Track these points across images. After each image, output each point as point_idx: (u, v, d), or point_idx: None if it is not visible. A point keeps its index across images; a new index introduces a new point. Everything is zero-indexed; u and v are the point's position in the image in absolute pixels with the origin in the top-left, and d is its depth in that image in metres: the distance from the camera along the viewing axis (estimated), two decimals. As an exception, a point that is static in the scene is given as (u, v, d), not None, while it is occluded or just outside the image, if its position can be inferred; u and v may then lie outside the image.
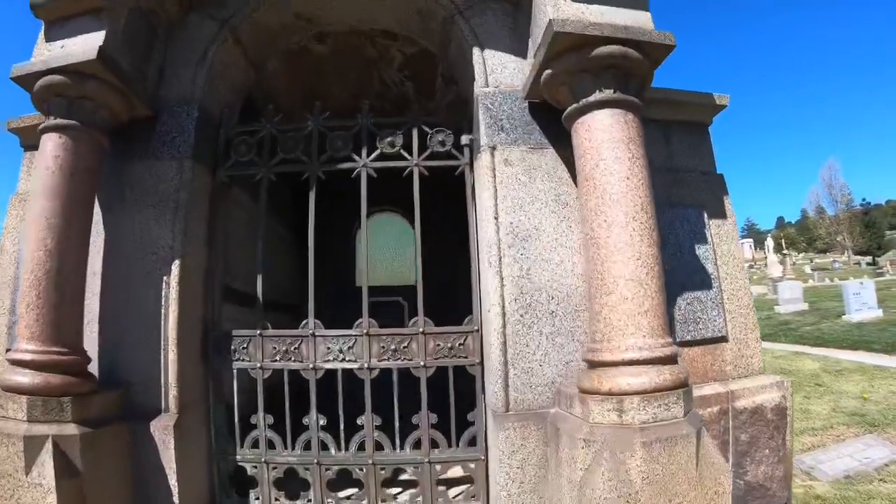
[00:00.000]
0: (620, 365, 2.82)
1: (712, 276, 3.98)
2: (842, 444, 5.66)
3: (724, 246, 4.12)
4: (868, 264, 54.02)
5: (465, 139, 3.84)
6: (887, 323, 13.42)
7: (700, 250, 4.00)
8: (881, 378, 8.16)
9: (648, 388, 2.76)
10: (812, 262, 58.47)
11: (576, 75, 3.14)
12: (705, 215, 4.12)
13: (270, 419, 3.65)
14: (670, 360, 2.90)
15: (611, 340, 2.88)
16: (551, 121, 3.56)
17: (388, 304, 6.69)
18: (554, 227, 3.45)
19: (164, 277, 3.46)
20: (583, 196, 3.09)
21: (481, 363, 3.58)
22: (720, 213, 4.20)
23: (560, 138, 3.54)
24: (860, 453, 5.32)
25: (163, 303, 3.44)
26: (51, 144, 3.17)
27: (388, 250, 7.43)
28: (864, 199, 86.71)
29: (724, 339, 3.95)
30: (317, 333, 3.65)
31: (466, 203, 3.83)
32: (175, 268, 3.47)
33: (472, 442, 3.60)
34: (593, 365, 2.95)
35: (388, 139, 3.81)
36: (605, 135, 3.05)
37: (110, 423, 3.12)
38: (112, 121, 3.44)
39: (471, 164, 3.83)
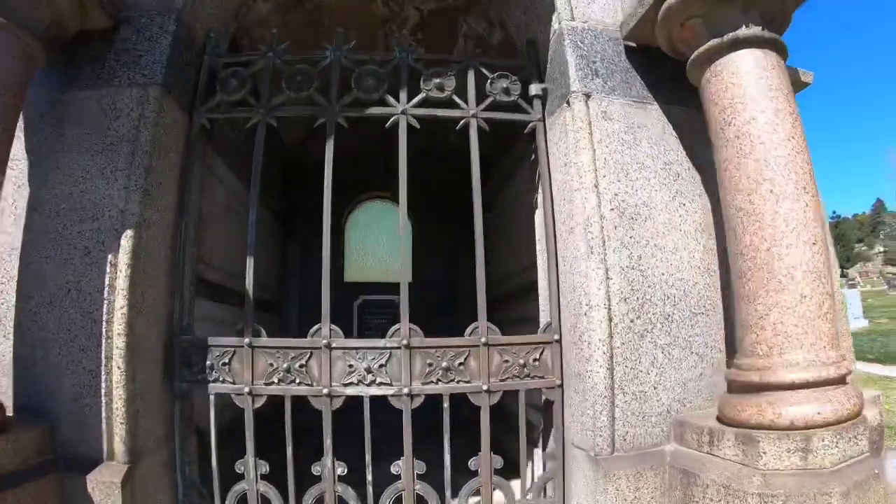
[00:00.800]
0: (802, 388, 2.25)
1: (812, 279, 3.54)
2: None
3: (818, 243, 3.70)
4: (840, 276, 59.24)
5: (535, 88, 3.17)
6: (875, 333, 14.08)
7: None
8: (893, 389, 8.27)
9: (843, 417, 2.26)
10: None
11: (717, 4, 2.57)
12: (800, 206, 3.69)
13: (265, 467, 2.76)
14: (846, 378, 2.37)
15: (783, 353, 2.29)
16: (653, 69, 3.05)
17: (381, 303, 6.15)
18: (665, 205, 2.85)
19: (110, 256, 2.52)
20: (729, 159, 2.51)
21: (561, 385, 2.89)
22: (812, 205, 3.79)
23: (666, 93, 3.03)
24: (905, 468, 5.22)
25: (105, 294, 2.50)
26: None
27: (380, 243, 6.79)
28: (833, 212, 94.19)
29: (824, 350, 3.53)
30: (334, 345, 2.81)
31: (538, 170, 3.17)
32: (126, 241, 2.55)
33: (545, 487, 2.90)
34: (753, 388, 2.34)
35: (436, 81, 3.05)
36: (761, 81, 2.53)
37: (26, 479, 2.17)
38: (54, 27, 2.54)
39: (543, 121, 3.16)
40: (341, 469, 2.78)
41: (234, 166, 3.83)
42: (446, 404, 2.81)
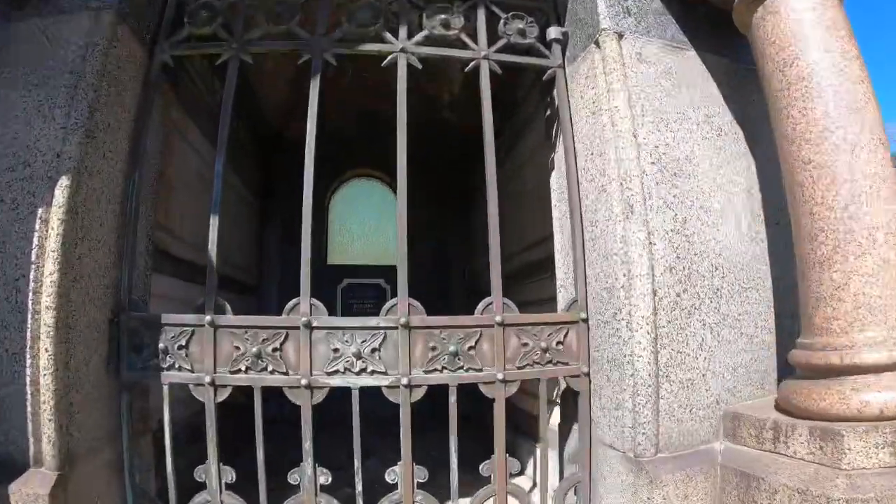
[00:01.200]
0: (887, 370, 1.96)
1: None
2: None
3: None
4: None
5: (554, 32, 2.85)
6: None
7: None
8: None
9: (937, 405, 1.95)
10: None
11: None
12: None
13: (230, 474, 2.36)
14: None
15: (864, 330, 2.01)
16: (687, 13, 2.79)
17: (366, 286, 6.10)
18: (710, 162, 2.57)
19: (40, 210, 2.11)
20: (792, 104, 2.23)
21: (588, 373, 2.56)
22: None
23: (702, 40, 2.75)
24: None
25: (34, 257, 2.09)
26: None
27: (366, 224, 6.62)
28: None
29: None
30: (315, 324, 2.42)
31: (554, 127, 2.86)
32: (60, 192, 2.14)
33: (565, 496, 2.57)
34: (831, 372, 2.04)
35: (441, 17, 2.71)
36: (823, 18, 2.27)
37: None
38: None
39: (563, 68, 2.85)
40: (324, 478, 2.39)
41: (211, 136, 3.46)
42: (453, 398, 2.45)
